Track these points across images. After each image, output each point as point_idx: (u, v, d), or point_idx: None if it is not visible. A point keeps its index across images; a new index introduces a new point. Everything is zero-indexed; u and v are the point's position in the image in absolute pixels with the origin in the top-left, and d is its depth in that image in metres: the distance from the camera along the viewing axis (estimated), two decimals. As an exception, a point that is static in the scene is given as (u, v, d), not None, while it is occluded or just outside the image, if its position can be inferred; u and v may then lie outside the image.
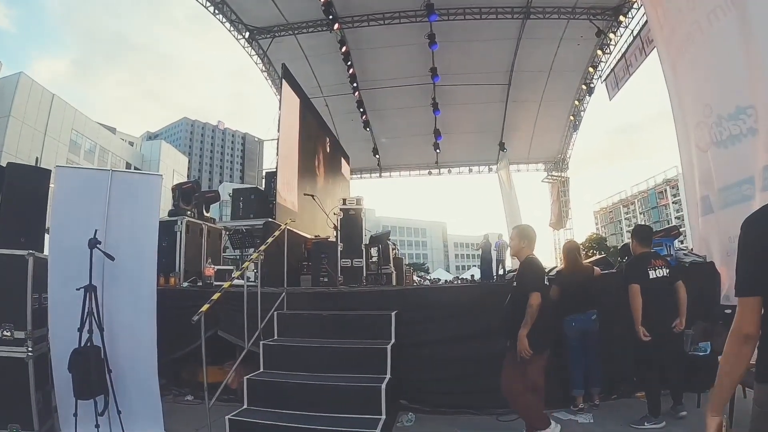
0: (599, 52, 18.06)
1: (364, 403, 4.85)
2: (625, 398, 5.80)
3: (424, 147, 23.35)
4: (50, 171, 5.19)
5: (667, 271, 5.29)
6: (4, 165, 5.57)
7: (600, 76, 18.98)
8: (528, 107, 21.41)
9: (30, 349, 4.79)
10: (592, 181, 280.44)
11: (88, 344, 4.46)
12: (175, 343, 6.09)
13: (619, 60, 16.96)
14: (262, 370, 5.52)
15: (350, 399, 4.92)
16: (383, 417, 4.70)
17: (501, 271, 7.98)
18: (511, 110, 21.45)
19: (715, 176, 6.52)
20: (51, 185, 5.41)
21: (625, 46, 16.58)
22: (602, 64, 18.63)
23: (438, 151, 23.34)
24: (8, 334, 4.78)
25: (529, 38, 17.49)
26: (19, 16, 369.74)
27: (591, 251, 46.29)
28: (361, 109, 20.18)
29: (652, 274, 5.19)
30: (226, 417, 4.76)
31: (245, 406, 5.07)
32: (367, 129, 21.66)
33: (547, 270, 5.67)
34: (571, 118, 22.12)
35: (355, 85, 18.80)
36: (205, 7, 16.68)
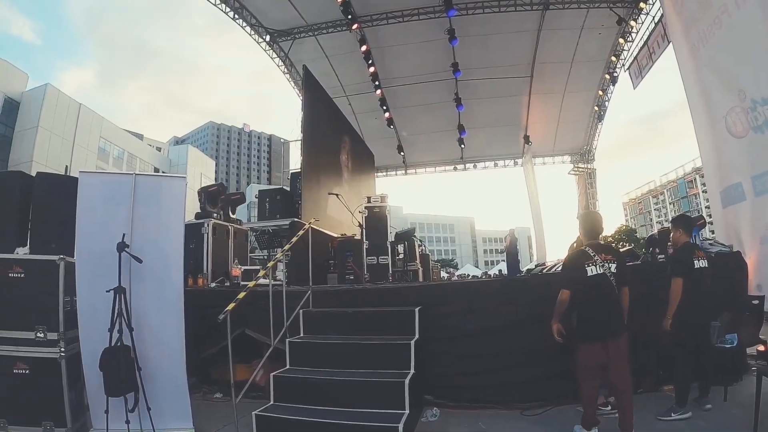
0: (621, 40, 17.76)
1: (387, 398, 4.90)
2: (650, 392, 5.71)
3: (449, 142, 23.26)
4: (77, 179, 5.32)
5: (707, 262, 5.29)
6: (34, 175, 5.77)
7: (623, 65, 18.62)
8: (551, 99, 21.18)
9: (62, 349, 4.99)
10: (619, 172, 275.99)
11: (118, 344, 4.60)
12: (205, 343, 6.23)
13: (641, 48, 16.61)
14: (288, 366, 5.61)
15: (374, 394, 4.98)
16: (407, 412, 4.73)
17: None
18: (535, 102, 21.29)
19: (750, 163, 6.45)
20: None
21: (647, 33, 16.24)
22: (625, 53, 18.30)
23: (463, 146, 23.21)
24: (42, 335, 4.97)
25: (550, 29, 17.36)
26: (43, 29, 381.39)
27: (621, 243, 45.70)
28: (384, 107, 20.19)
29: (696, 264, 5.17)
30: (253, 413, 4.86)
31: (272, 402, 5.15)
32: (391, 126, 21.68)
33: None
34: (596, 108, 21.84)
35: (377, 83, 18.80)
36: (224, 12, 16.89)
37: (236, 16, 17.21)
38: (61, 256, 5.06)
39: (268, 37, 18.41)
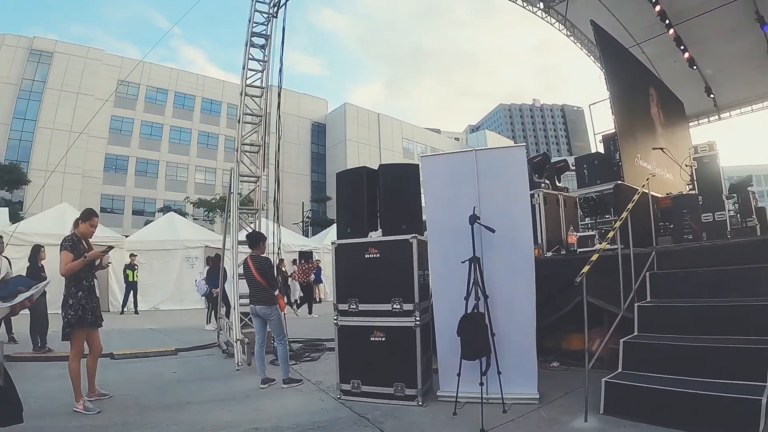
0: None
1: (749, 369, 4.35)
2: None
3: (763, 72, 19.51)
4: (417, 165, 5.90)
5: None
6: None
7: None
8: None
9: (417, 319, 5.52)
10: None
11: (475, 311, 4.98)
12: (542, 311, 6.20)
13: None
14: (636, 333, 5.39)
15: (732, 363, 4.46)
16: (770, 384, 4.14)
17: None
18: None
19: None
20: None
21: None
22: None
23: (782, 73, 19.47)
24: (398, 307, 5.59)
25: None
26: (327, 62, 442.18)
27: None
28: (681, 47, 17.98)
29: None
30: (603, 380, 4.76)
31: (620, 370, 5.01)
32: (694, 67, 19.07)
33: None
34: None
35: (667, 22, 16.89)
36: (488, -9, 16.87)
37: (504, -9, 17.14)
38: (414, 235, 5.62)
39: (541, 4, 18.01)
